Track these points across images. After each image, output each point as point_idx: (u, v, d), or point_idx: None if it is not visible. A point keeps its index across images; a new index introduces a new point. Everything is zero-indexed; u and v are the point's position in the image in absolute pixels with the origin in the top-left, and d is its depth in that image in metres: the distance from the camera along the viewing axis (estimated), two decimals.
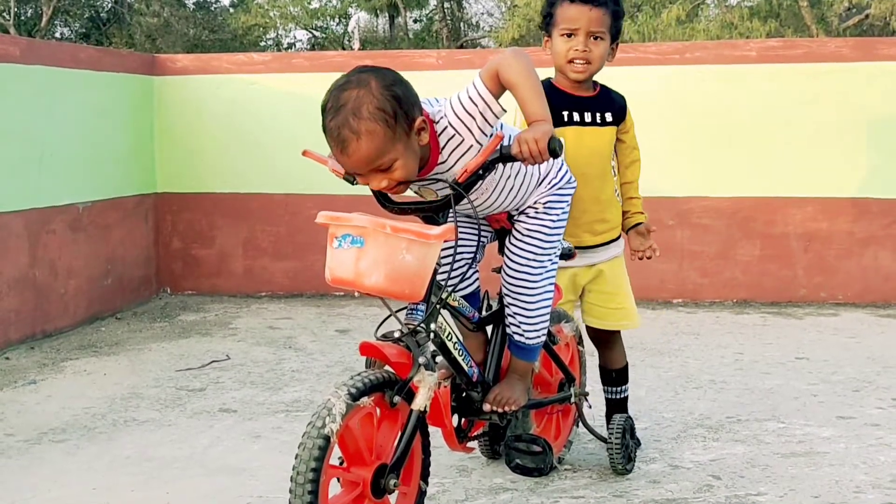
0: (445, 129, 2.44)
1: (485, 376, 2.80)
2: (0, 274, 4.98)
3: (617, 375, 3.37)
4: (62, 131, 5.52)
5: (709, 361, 4.68)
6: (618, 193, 3.25)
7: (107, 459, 3.40)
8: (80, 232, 5.67)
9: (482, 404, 2.75)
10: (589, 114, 3.13)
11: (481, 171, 2.42)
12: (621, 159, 3.26)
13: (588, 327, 3.31)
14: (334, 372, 4.55)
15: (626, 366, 3.39)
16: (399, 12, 26.65)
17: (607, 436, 3.18)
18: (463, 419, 2.81)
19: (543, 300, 2.78)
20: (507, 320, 2.82)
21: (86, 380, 4.48)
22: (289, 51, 26.20)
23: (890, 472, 3.18)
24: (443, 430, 2.58)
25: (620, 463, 3.13)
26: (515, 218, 2.79)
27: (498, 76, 2.38)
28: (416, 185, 2.55)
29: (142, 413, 3.95)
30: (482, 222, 2.82)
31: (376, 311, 5.29)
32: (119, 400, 4.13)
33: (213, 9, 27.28)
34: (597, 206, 3.15)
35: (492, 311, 2.89)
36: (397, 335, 2.42)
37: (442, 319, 2.54)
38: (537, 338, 2.81)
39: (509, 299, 2.78)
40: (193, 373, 4.57)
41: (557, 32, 3.06)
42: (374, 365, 2.45)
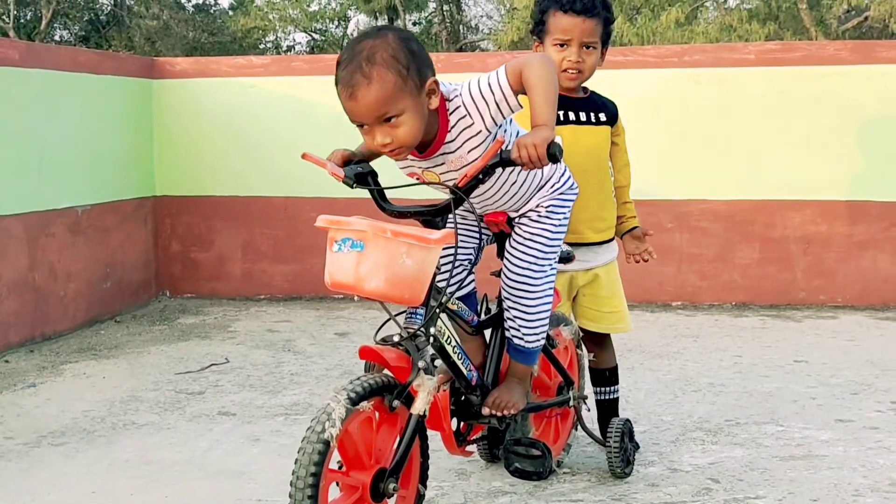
0: (458, 108, 2.45)
1: (483, 380, 2.80)
2: (0, 277, 5.00)
3: (610, 374, 3.39)
4: (61, 134, 5.52)
5: (708, 364, 4.68)
6: (613, 195, 3.27)
7: (106, 463, 3.40)
8: (79, 235, 5.67)
9: (481, 408, 2.76)
10: (584, 113, 3.16)
11: (481, 176, 2.43)
12: (614, 162, 3.29)
13: (581, 329, 3.31)
14: (333, 375, 4.55)
15: (616, 366, 3.41)
16: (398, 15, 26.65)
17: (605, 439, 3.18)
18: (462, 423, 2.81)
19: (544, 304, 2.78)
20: (507, 324, 2.82)
21: (85, 383, 4.48)
22: (288, 53, 26.21)
23: (888, 475, 3.18)
24: (441, 433, 2.58)
25: (619, 466, 3.13)
26: (516, 221, 2.79)
27: (521, 74, 2.41)
28: (421, 165, 2.55)
29: (141, 416, 3.95)
30: (482, 225, 2.83)
31: (375, 315, 5.29)
32: (118, 403, 4.14)
33: (212, 11, 27.32)
34: (596, 203, 3.17)
35: (491, 314, 2.90)
36: (397, 339, 2.42)
37: (441, 323, 2.54)
38: (537, 342, 2.81)
39: (509, 303, 2.78)
40: (192, 376, 4.57)
41: (550, 41, 3.07)
42: (374, 369, 2.45)
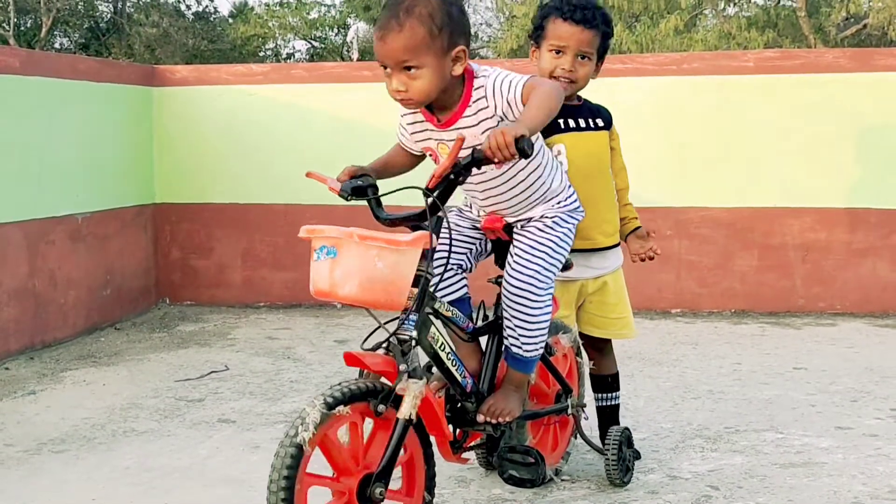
0: (481, 87, 2.55)
1: (479, 387, 2.80)
2: (0, 284, 5.00)
3: (612, 381, 3.39)
4: (62, 142, 5.53)
5: (707, 372, 4.68)
6: (616, 199, 3.29)
7: (106, 470, 3.40)
8: (79, 242, 5.68)
9: (476, 415, 2.76)
10: (582, 120, 3.18)
11: (452, 176, 2.42)
12: (612, 166, 3.30)
13: (582, 335, 3.32)
14: (333, 382, 4.51)
15: (617, 372, 3.42)
16: None
17: (603, 447, 3.18)
18: (457, 430, 2.81)
19: (544, 314, 2.78)
20: (506, 332, 2.82)
21: (85, 390, 4.48)
22: (287, 61, 26.24)
23: (888, 482, 3.19)
24: (437, 439, 2.59)
25: (617, 476, 3.13)
26: (519, 231, 2.80)
27: (532, 90, 2.48)
28: (440, 137, 2.60)
29: (141, 423, 3.95)
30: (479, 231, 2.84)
31: (374, 322, 5.27)
32: (118, 410, 4.14)
33: (212, 19, 27.32)
34: (604, 207, 3.20)
35: (487, 321, 2.90)
36: (385, 345, 2.43)
37: (434, 329, 2.55)
38: (535, 350, 2.81)
39: (510, 312, 2.78)
40: (192, 383, 4.57)
41: (546, 47, 3.09)
42: (370, 376, 2.45)
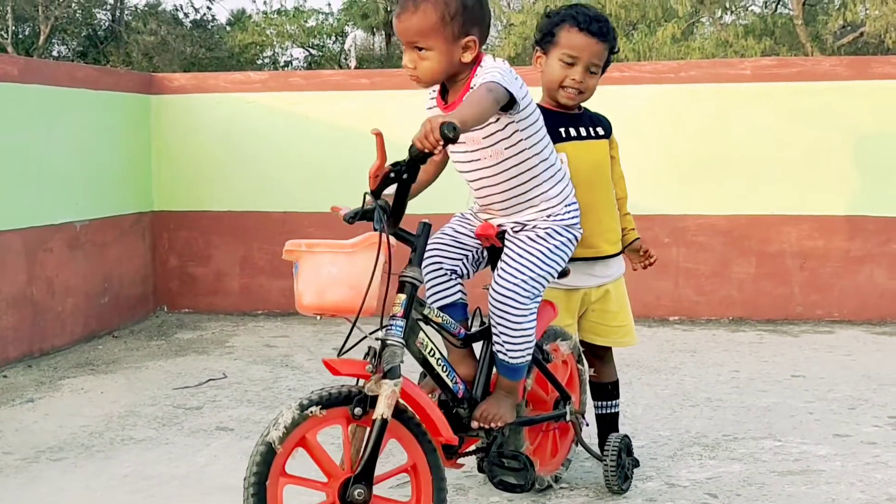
0: (477, 79, 2.60)
1: (472, 392, 2.81)
2: None
3: (612, 388, 3.40)
4: (60, 150, 5.53)
5: (705, 379, 4.68)
6: (616, 207, 3.29)
7: (104, 478, 3.40)
8: (77, 250, 5.68)
9: (469, 421, 2.77)
10: (583, 129, 3.18)
11: (392, 175, 2.41)
12: (611, 175, 3.30)
13: (583, 343, 3.32)
14: None
15: (617, 380, 3.42)
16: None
17: (602, 455, 3.19)
18: None
19: (528, 322, 2.78)
20: (493, 339, 2.83)
21: (83, 398, 4.48)
22: (285, 69, 26.23)
23: (886, 490, 3.19)
24: (436, 441, 2.59)
25: (616, 483, 3.13)
26: (510, 238, 2.81)
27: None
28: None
29: (139, 431, 3.95)
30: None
31: (372, 328, 5.27)
32: (116, 418, 4.14)
33: (210, 27, 27.33)
34: (607, 215, 3.21)
35: (482, 327, 2.90)
36: (367, 350, 2.44)
37: (423, 335, 2.56)
38: (521, 358, 2.81)
39: (494, 319, 2.79)
40: (190, 391, 4.57)
41: (556, 55, 3.06)
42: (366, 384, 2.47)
